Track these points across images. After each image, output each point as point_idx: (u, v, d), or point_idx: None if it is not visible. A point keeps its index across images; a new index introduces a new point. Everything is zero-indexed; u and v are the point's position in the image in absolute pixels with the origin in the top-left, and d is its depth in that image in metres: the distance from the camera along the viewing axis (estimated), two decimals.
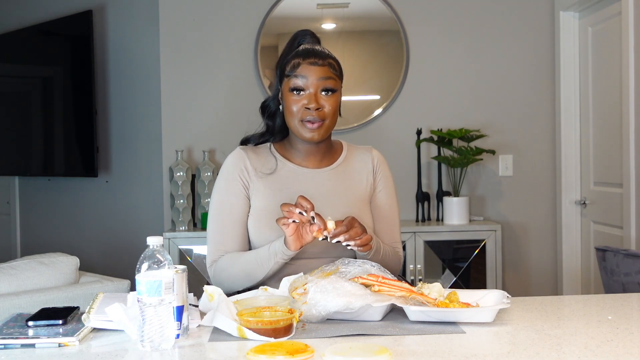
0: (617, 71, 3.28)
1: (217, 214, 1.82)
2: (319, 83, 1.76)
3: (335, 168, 1.87)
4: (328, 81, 1.76)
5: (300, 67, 1.76)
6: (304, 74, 1.76)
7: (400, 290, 1.49)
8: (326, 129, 1.78)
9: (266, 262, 1.70)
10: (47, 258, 2.51)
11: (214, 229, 1.82)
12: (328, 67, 1.77)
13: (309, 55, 1.77)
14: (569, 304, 1.73)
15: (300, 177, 1.83)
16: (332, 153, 1.90)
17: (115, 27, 4.32)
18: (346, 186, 1.85)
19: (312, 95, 1.75)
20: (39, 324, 1.43)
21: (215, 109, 3.92)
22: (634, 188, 3.13)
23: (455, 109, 3.91)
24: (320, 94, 1.76)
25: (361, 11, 3.95)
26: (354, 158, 1.91)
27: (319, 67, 1.76)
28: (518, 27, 3.93)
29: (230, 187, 1.82)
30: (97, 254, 4.39)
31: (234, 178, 1.82)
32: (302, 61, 1.77)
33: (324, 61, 1.77)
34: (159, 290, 1.29)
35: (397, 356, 1.23)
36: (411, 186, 3.87)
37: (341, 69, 1.82)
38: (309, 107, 1.75)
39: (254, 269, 1.72)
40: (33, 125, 4.80)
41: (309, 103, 1.75)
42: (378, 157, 1.94)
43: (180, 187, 3.69)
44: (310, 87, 1.76)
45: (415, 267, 3.57)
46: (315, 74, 1.75)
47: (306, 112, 1.75)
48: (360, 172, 1.89)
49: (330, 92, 1.76)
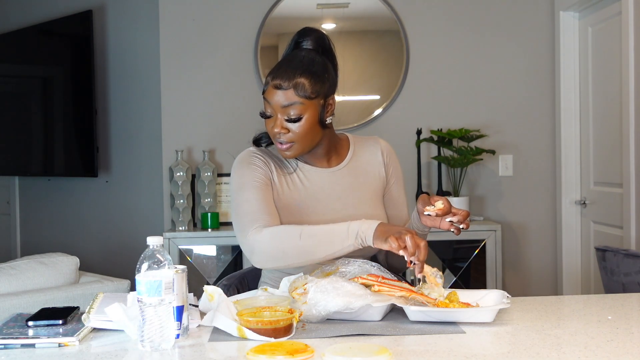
0: (617, 71, 3.28)
1: (252, 189, 1.71)
2: (283, 110, 1.67)
3: (347, 165, 1.84)
4: (290, 108, 1.66)
5: (267, 88, 1.69)
6: (269, 99, 1.69)
7: (400, 290, 1.49)
8: (298, 149, 1.71)
9: (339, 241, 1.59)
10: (47, 258, 2.51)
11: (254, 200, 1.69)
12: (293, 91, 1.66)
13: (277, 76, 1.68)
14: (569, 304, 1.73)
15: (315, 177, 1.80)
16: (339, 150, 1.86)
17: (115, 27, 4.32)
18: (360, 182, 1.83)
19: (276, 120, 1.69)
20: (39, 324, 1.43)
21: (215, 109, 3.92)
22: (634, 188, 3.13)
23: (455, 109, 3.91)
24: (284, 121, 1.68)
25: (361, 11, 3.95)
26: (362, 151, 1.88)
27: (282, 92, 1.66)
28: (518, 27, 3.93)
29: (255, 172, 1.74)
30: (97, 254, 4.39)
31: (256, 166, 1.76)
32: (270, 81, 1.69)
33: (289, 83, 1.66)
34: (159, 290, 1.29)
35: (397, 356, 1.23)
36: (411, 186, 3.87)
37: (320, 84, 1.69)
38: (274, 131, 1.69)
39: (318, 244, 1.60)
40: (33, 125, 4.80)
41: (273, 127, 1.69)
42: (386, 147, 1.91)
43: (180, 187, 3.69)
44: (275, 112, 1.69)
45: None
46: (278, 101, 1.67)
47: (274, 133, 1.70)
48: (371, 165, 1.87)
49: (293, 121, 1.67)
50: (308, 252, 1.61)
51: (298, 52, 1.75)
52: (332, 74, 1.76)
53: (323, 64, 1.73)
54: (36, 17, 4.64)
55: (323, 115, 1.72)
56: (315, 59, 1.72)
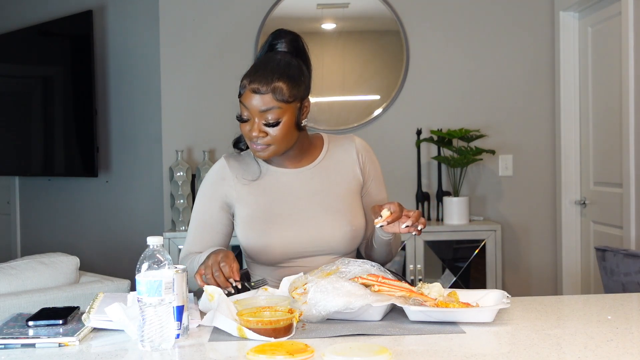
0: (617, 71, 3.28)
1: (196, 218, 1.84)
2: (260, 114, 1.68)
3: (318, 164, 1.84)
4: (268, 113, 1.67)
5: (245, 92, 1.70)
6: (246, 103, 1.69)
7: (400, 290, 1.49)
8: (273, 150, 1.73)
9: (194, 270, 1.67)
10: (47, 258, 2.51)
11: (192, 231, 1.84)
12: (271, 95, 1.66)
13: (255, 79, 1.68)
14: (569, 304, 1.73)
15: (283, 178, 1.81)
16: (312, 150, 1.86)
17: (115, 27, 4.32)
18: (332, 181, 1.83)
19: (254, 124, 1.70)
20: (39, 324, 1.43)
21: (215, 109, 3.92)
22: (634, 188, 3.13)
23: (455, 109, 3.91)
24: (262, 125, 1.69)
25: (361, 11, 3.95)
26: (336, 150, 1.88)
27: (260, 97, 1.67)
28: (518, 27, 3.93)
29: (212, 195, 1.83)
30: (97, 254, 4.39)
31: (215, 188, 1.83)
32: (248, 85, 1.69)
33: (267, 87, 1.66)
34: (159, 290, 1.29)
35: (397, 356, 1.23)
36: (411, 186, 3.87)
37: (297, 88, 1.70)
38: (254, 135, 1.71)
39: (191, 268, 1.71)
40: (33, 125, 4.80)
41: (251, 131, 1.70)
42: (361, 144, 1.90)
43: (180, 187, 3.69)
44: (253, 116, 1.70)
45: (415, 267, 3.57)
46: (256, 105, 1.68)
47: (251, 137, 1.71)
48: (345, 163, 1.87)
49: (272, 125, 1.69)
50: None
51: (273, 55, 1.75)
52: (307, 77, 1.78)
53: (299, 67, 1.75)
54: (36, 17, 4.64)
55: (299, 117, 1.74)
56: (291, 62, 1.74)
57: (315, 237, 1.76)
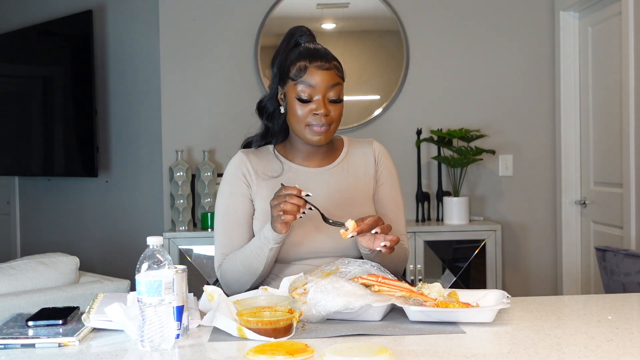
0: (617, 71, 3.28)
1: (222, 218, 1.82)
2: (327, 90, 1.72)
3: (338, 165, 1.85)
4: (335, 89, 1.73)
5: (307, 71, 1.72)
6: (311, 81, 1.71)
7: (400, 290, 1.49)
8: (332, 132, 1.76)
9: (261, 251, 1.69)
10: (47, 258, 2.51)
11: (220, 233, 1.82)
12: (335, 71, 1.73)
13: (315, 58, 1.73)
14: (569, 304, 1.73)
15: (303, 177, 1.82)
16: (334, 150, 1.88)
17: (115, 27, 4.31)
18: (349, 183, 1.84)
19: (320, 102, 1.72)
20: (39, 324, 1.43)
21: (215, 109, 3.92)
22: (634, 188, 3.13)
23: (455, 109, 3.91)
24: (328, 101, 1.73)
25: (361, 11, 3.95)
26: (355, 153, 1.89)
27: (326, 72, 1.72)
28: (518, 27, 3.93)
29: (233, 190, 1.81)
30: (97, 254, 4.39)
31: (236, 182, 1.81)
32: (309, 64, 1.72)
33: (330, 64, 1.73)
34: (159, 290, 1.29)
35: (397, 356, 1.23)
36: (411, 186, 3.87)
37: (343, 69, 1.79)
38: (317, 113, 1.72)
39: (251, 260, 1.71)
40: (33, 125, 4.80)
41: (317, 109, 1.72)
42: (379, 149, 1.92)
43: (180, 187, 3.69)
44: (317, 93, 1.72)
45: (415, 267, 3.57)
46: (323, 80, 1.72)
47: (313, 117, 1.73)
48: (362, 166, 1.88)
49: (335, 102, 1.74)
50: (250, 270, 1.72)
51: (310, 45, 1.78)
52: None
53: None
54: (36, 17, 4.65)
55: None
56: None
57: (328, 237, 1.75)
